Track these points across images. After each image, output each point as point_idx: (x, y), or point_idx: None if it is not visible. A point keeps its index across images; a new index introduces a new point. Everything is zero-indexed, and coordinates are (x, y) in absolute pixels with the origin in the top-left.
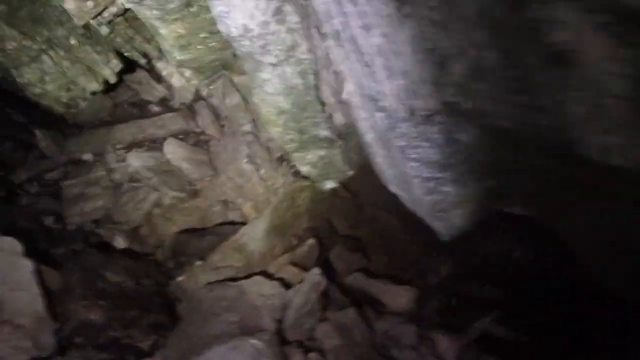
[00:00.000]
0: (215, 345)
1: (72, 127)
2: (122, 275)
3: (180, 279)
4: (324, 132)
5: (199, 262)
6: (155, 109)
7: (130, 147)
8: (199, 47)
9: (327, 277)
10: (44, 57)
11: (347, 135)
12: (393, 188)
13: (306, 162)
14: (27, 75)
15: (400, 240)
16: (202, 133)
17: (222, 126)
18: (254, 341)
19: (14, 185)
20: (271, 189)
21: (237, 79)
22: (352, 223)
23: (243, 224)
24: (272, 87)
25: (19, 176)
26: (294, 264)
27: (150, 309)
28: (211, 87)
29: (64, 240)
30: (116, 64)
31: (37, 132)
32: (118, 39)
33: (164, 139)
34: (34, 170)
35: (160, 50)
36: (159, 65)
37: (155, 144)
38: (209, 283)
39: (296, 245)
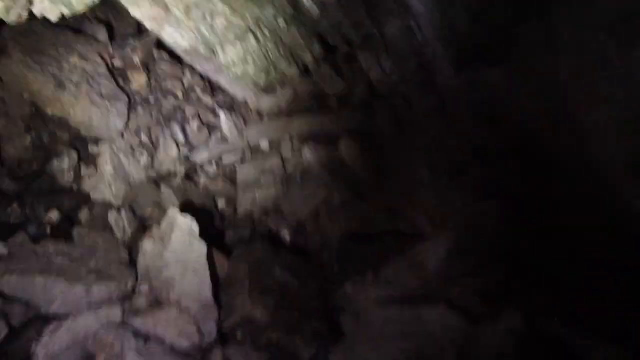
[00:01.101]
0: None
1: (254, 114)
2: (288, 273)
3: (347, 288)
4: None
5: (370, 274)
6: (335, 104)
7: (306, 140)
8: None
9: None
10: (250, 36)
11: None
12: None
13: None
14: (230, 54)
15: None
16: (379, 133)
17: (401, 128)
18: None
19: (195, 164)
20: (449, 204)
21: (439, 77)
22: (549, 253)
23: (414, 236)
24: None
25: (200, 155)
26: (480, 294)
27: (313, 315)
28: (409, 85)
29: (233, 225)
30: (318, 50)
31: (222, 115)
32: (325, 23)
33: (339, 135)
34: (214, 152)
35: (365, 38)
36: (361, 55)
37: (331, 140)
38: (380, 299)
39: (482, 272)
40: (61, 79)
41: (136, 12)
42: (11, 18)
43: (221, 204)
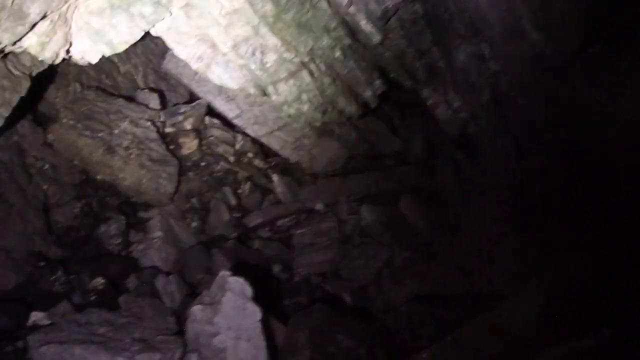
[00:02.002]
0: None
1: (307, 176)
2: (353, 340)
3: (423, 355)
4: None
5: (448, 338)
6: (390, 162)
7: (363, 199)
8: None
9: None
10: (304, 72)
11: None
12: None
13: None
14: (283, 93)
15: None
16: (441, 190)
17: (465, 182)
18: None
19: (248, 227)
20: (529, 262)
21: (515, 112)
22: None
23: (492, 297)
24: None
25: (253, 219)
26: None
27: None
28: (479, 123)
29: (289, 291)
30: (379, 86)
31: (275, 177)
32: (387, 53)
33: (400, 193)
34: (267, 215)
35: (430, 70)
36: (425, 92)
37: (389, 198)
38: None
39: (580, 335)
40: (111, 143)
41: (181, 52)
42: (46, 55)
43: (276, 268)
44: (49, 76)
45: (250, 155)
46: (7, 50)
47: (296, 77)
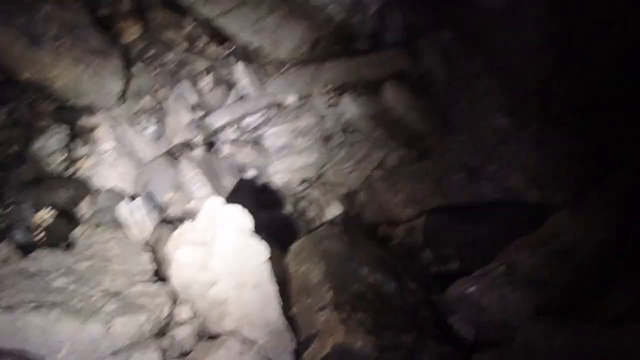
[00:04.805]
0: None
1: (273, 63)
2: (379, 273)
3: (468, 287)
4: None
5: (501, 266)
6: (364, 45)
7: (341, 89)
8: None
9: None
10: None
11: None
12: None
13: None
14: None
15: None
16: (423, 76)
17: (455, 69)
18: None
19: (213, 129)
20: (551, 160)
21: None
22: None
23: (518, 205)
24: None
25: (218, 118)
26: None
27: (428, 332)
28: None
29: (270, 203)
30: None
31: (239, 67)
32: None
33: (381, 81)
34: (234, 113)
35: None
36: None
37: (372, 88)
38: (535, 305)
39: None
40: (35, 32)
41: None
42: None
43: (248, 175)
44: None
45: (203, 40)
46: None
47: None
